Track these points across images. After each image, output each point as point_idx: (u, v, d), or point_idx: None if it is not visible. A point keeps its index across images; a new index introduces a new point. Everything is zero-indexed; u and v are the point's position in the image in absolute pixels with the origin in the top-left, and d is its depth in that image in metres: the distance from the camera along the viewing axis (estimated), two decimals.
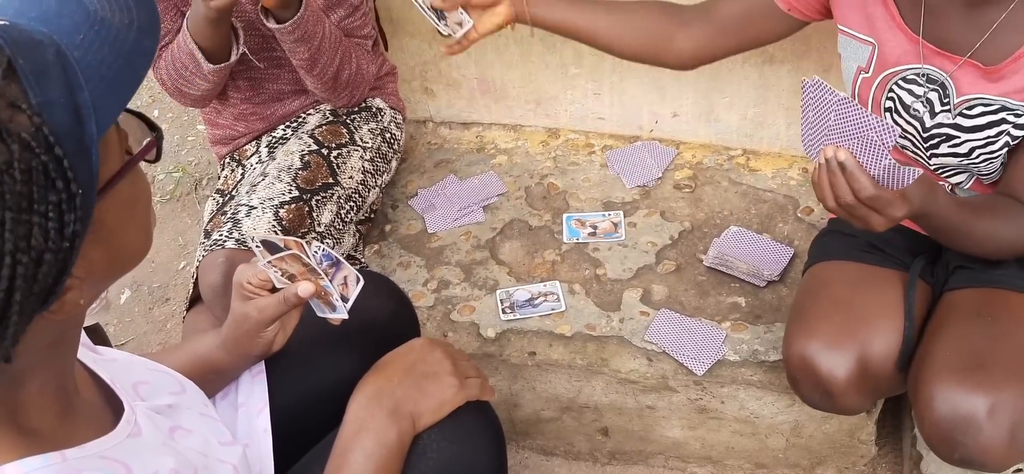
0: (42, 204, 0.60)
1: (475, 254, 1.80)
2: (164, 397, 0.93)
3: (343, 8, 1.68)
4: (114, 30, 0.64)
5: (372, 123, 1.82)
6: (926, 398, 1.16)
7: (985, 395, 1.11)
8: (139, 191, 0.74)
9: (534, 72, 2.03)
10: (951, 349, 1.19)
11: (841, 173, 1.06)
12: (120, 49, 0.64)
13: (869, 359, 1.25)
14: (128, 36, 0.65)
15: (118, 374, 0.88)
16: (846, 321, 1.28)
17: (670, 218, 1.82)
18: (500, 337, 1.64)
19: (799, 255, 1.69)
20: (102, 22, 0.64)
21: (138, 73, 0.66)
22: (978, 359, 1.15)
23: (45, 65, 0.60)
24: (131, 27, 0.66)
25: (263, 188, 1.58)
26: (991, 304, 1.24)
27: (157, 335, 2.14)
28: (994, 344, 1.18)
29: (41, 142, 0.59)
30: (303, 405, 1.18)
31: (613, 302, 1.66)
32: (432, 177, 2.02)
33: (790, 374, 1.33)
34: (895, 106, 1.26)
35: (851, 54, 1.29)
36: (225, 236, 1.49)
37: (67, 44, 0.62)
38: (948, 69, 1.19)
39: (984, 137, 1.20)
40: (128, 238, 0.73)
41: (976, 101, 1.19)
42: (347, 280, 1.09)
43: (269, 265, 1.06)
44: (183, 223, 2.41)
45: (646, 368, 1.57)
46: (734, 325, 1.59)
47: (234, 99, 1.77)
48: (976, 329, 1.21)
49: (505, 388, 1.68)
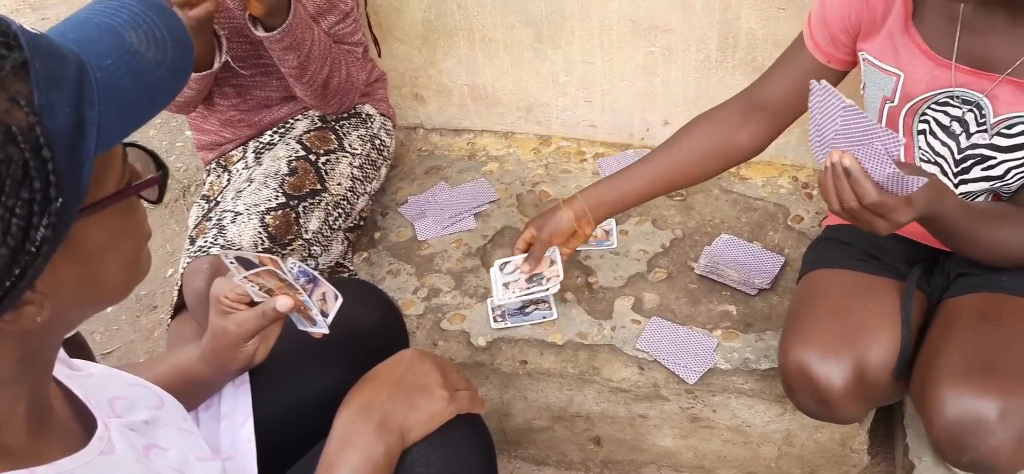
0: (11, 198, 0.59)
1: (466, 262, 1.79)
2: (141, 413, 0.91)
3: (334, 14, 1.67)
4: (144, 64, 0.67)
5: (362, 129, 1.81)
6: (936, 401, 1.15)
7: (996, 398, 1.11)
8: (132, 226, 0.74)
9: (525, 79, 2.02)
10: (960, 353, 1.18)
11: (846, 178, 1.06)
12: (143, 81, 0.67)
13: (866, 368, 1.24)
14: (156, 72, 0.68)
15: (94, 390, 0.86)
16: (843, 329, 1.27)
17: (662, 226, 1.81)
18: (491, 346, 1.62)
19: (790, 263, 1.68)
20: (134, 54, 0.67)
21: (155, 106, 0.69)
22: (988, 362, 1.15)
23: (61, 75, 0.62)
24: (161, 64, 0.69)
25: (249, 194, 1.57)
26: (997, 309, 1.23)
27: (144, 344, 2.11)
28: (1003, 348, 1.17)
29: (29, 139, 0.60)
30: (288, 416, 1.16)
31: (605, 310, 1.65)
32: (423, 184, 2.00)
33: (786, 382, 1.32)
34: (929, 128, 1.25)
35: (875, 83, 1.28)
36: (210, 242, 1.47)
37: (93, 64, 0.65)
38: (984, 88, 1.17)
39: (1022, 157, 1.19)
40: (108, 269, 0.71)
41: (1016, 119, 1.17)
42: (326, 296, 1.07)
43: (245, 281, 1.05)
44: (170, 230, 2.38)
45: (638, 377, 1.56)
46: (725, 333, 1.58)
47: (221, 105, 1.75)
48: (984, 333, 1.20)
49: (496, 397, 1.67)
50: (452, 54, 2.04)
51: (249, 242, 1.47)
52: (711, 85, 1.87)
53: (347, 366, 1.18)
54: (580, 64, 1.95)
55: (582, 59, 1.95)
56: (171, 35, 0.70)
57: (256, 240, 1.48)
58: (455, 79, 2.08)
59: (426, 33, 2.02)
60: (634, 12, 1.83)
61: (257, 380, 1.15)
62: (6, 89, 0.59)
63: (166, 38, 0.70)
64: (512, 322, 1.63)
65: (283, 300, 1.04)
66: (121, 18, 0.68)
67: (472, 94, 2.09)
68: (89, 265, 0.69)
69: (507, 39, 1.96)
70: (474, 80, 2.07)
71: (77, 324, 0.77)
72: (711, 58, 1.84)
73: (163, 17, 0.71)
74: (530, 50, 1.96)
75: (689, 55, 1.85)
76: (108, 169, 0.68)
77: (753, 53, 1.80)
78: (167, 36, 0.70)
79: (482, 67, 2.03)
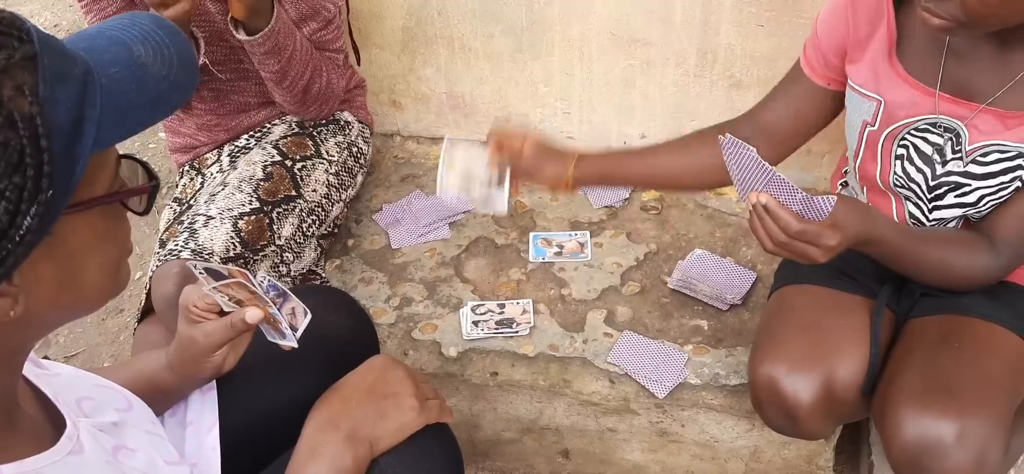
0: (2, 180, 0.61)
1: (440, 271, 1.78)
2: (109, 414, 0.90)
3: (316, 21, 1.65)
4: (149, 75, 0.71)
5: (339, 136, 1.80)
6: (895, 422, 1.16)
7: (953, 420, 1.12)
8: (116, 233, 0.75)
9: (504, 88, 2.02)
10: (919, 374, 1.19)
11: (767, 216, 1.09)
12: (146, 91, 0.71)
13: (834, 384, 1.25)
14: (160, 85, 0.72)
15: (62, 389, 0.86)
16: (812, 345, 1.28)
17: (636, 239, 1.81)
18: (462, 356, 1.61)
19: (761, 280, 1.69)
20: (140, 66, 0.70)
21: (155, 114, 0.72)
22: (946, 385, 1.16)
23: (67, 73, 0.65)
24: (165, 79, 0.72)
25: (223, 198, 1.55)
26: (957, 331, 1.24)
27: (110, 347, 2.08)
28: (962, 370, 1.18)
29: (29, 127, 0.62)
30: (256, 424, 1.15)
31: (577, 323, 1.65)
32: (398, 192, 1.99)
33: (755, 396, 1.32)
34: (907, 154, 1.26)
35: (856, 108, 1.29)
36: (181, 246, 1.46)
37: (99, 71, 0.68)
38: (964, 117, 1.19)
39: (997, 184, 1.20)
40: (87, 270, 0.72)
41: (992, 148, 1.18)
42: (295, 311, 1.06)
43: (215, 291, 1.04)
44: (140, 233, 2.35)
45: (608, 390, 1.56)
46: (696, 348, 1.58)
47: (197, 109, 1.73)
48: (943, 355, 1.21)
49: (466, 408, 1.66)
50: (431, 62, 2.03)
51: (221, 247, 1.45)
52: (689, 99, 1.88)
53: (316, 374, 1.17)
54: (559, 75, 1.96)
55: (561, 70, 1.95)
56: (179, 56, 0.73)
57: (228, 245, 1.47)
58: (434, 87, 2.07)
59: (406, 40, 2.01)
60: (614, 25, 1.83)
61: (224, 387, 1.14)
62: (13, 78, 0.62)
63: (173, 57, 0.73)
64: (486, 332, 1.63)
65: (253, 312, 1.03)
66: (132, 34, 0.72)
67: (450, 102, 2.09)
68: (69, 265, 0.70)
69: (487, 48, 1.96)
70: (453, 88, 2.06)
71: (50, 328, 0.77)
72: (690, 73, 1.85)
73: (173, 39, 0.74)
74: (510, 60, 1.96)
75: (668, 69, 1.86)
76: (101, 171, 0.70)
77: (731, 69, 1.81)
78: (175, 56, 0.73)
79: (461, 75, 2.03)
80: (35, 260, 0.65)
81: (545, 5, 1.84)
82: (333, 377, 1.14)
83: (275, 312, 1.04)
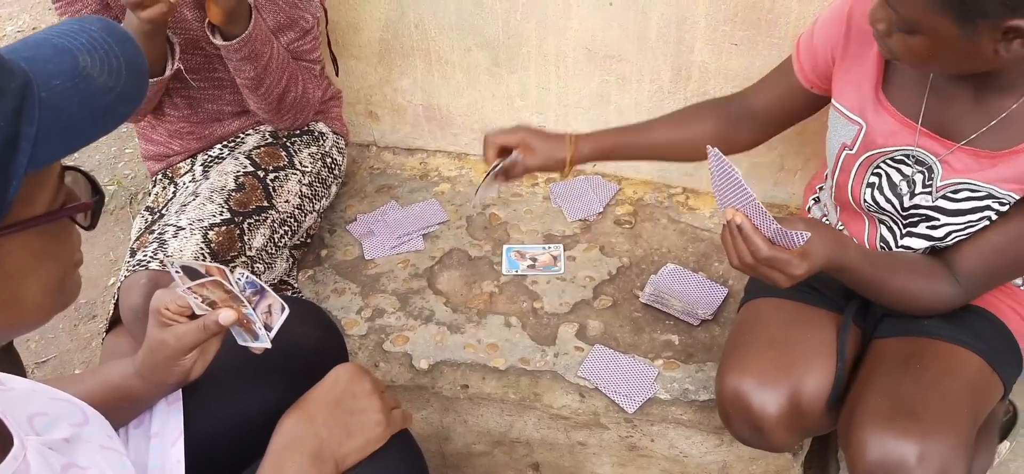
0: None
1: (412, 283, 1.78)
2: (62, 430, 0.89)
3: (294, 31, 1.65)
4: (93, 87, 0.67)
5: (313, 147, 1.80)
6: (858, 443, 1.18)
7: (915, 442, 1.14)
8: (59, 250, 0.72)
9: (480, 101, 2.03)
10: (882, 396, 1.21)
11: (739, 236, 1.11)
12: (91, 104, 0.67)
13: (801, 397, 1.26)
14: (104, 97, 0.68)
15: (13, 405, 0.84)
16: (780, 358, 1.29)
17: (609, 253, 1.82)
18: (433, 369, 1.61)
19: (733, 295, 1.70)
20: (85, 77, 0.67)
21: (99, 130, 0.69)
22: (908, 406, 1.18)
23: (3, 89, 0.62)
24: (111, 91, 0.69)
25: (193, 208, 1.54)
26: (920, 353, 1.26)
27: (81, 353, 2.07)
28: (924, 392, 1.20)
29: None
30: (222, 435, 1.14)
31: (549, 336, 1.66)
32: (373, 202, 1.99)
33: (722, 408, 1.33)
34: (879, 182, 1.28)
35: (837, 129, 1.31)
36: (149, 256, 1.45)
37: (40, 83, 0.65)
38: (939, 153, 1.21)
39: (965, 222, 1.21)
40: (27, 291, 0.69)
41: (962, 186, 1.20)
42: (272, 308, 1.05)
43: (189, 291, 1.03)
44: (115, 238, 2.34)
45: (578, 404, 1.56)
46: (667, 363, 1.59)
47: (171, 116, 1.73)
48: (907, 377, 1.23)
49: (436, 421, 1.66)
50: (408, 74, 2.04)
51: (190, 257, 1.45)
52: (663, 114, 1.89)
53: (284, 386, 1.17)
54: (535, 89, 1.96)
55: (538, 84, 1.96)
56: (127, 63, 0.70)
57: (198, 255, 1.46)
58: (410, 98, 2.08)
59: (383, 52, 2.01)
60: (590, 41, 1.84)
61: (190, 397, 1.13)
62: None
63: (121, 66, 0.70)
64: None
65: (226, 313, 1.02)
66: (78, 41, 0.69)
67: (426, 114, 2.09)
68: (7, 285, 0.68)
69: (463, 61, 1.97)
70: (429, 100, 2.07)
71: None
72: (664, 89, 1.86)
73: (122, 45, 0.71)
74: (486, 73, 1.97)
75: (643, 85, 1.88)
76: (40, 189, 0.67)
77: (705, 86, 1.82)
78: (123, 64, 0.70)
79: (438, 88, 2.03)
80: None
81: (522, 20, 1.85)
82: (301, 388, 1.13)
83: (249, 312, 1.03)
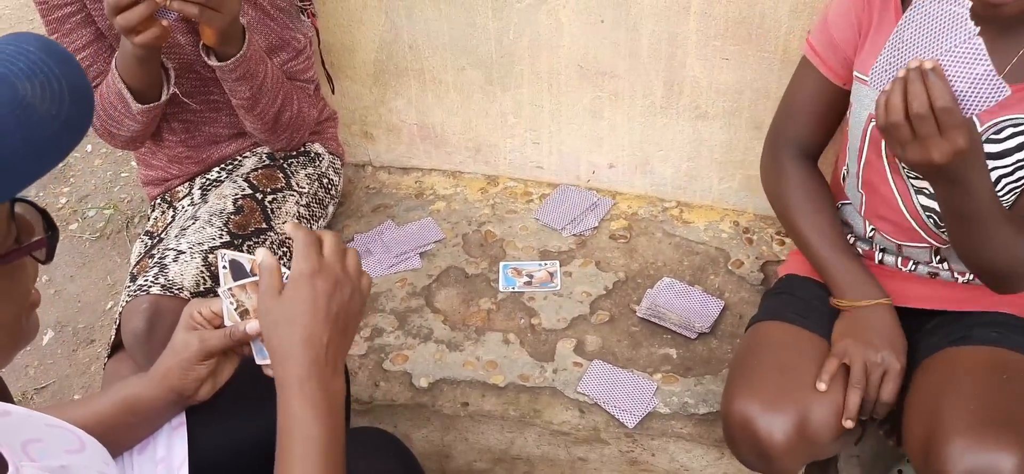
0: None
1: (410, 301, 1.79)
2: (58, 457, 0.88)
3: (287, 51, 1.67)
4: (35, 117, 0.62)
5: (310, 168, 1.81)
6: (951, 454, 1.12)
7: (1013, 452, 1.09)
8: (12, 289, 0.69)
9: (474, 119, 2.04)
10: (971, 404, 1.16)
11: (922, 81, 1.04)
12: (32, 137, 0.62)
13: (808, 423, 1.24)
14: (49, 127, 0.63)
15: (8, 431, 0.84)
16: (788, 383, 1.27)
17: (605, 268, 1.84)
18: (433, 387, 1.62)
19: (729, 308, 1.72)
20: (25, 108, 0.62)
21: (44, 164, 0.63)
22: (1002, 415, 1.14)
23: None
24: (55, 119, 0.63)
25: (193, 232, 1.55)
26: (1002, 363, 1.22)
27: (80, 378, 2.07)
28: (1015, 402, 1.16)
29: None
30: (225, 463, 1.15)
31: (547, 352, 1.67)
32: (369, 222, 2.00)
33: (728, 434, 1.31)
34: None
35: (863, 101, 1.29)
36: (151, 282, 1.46)
37: None
38: None
39: (1014, 162, 1.18)
40: None
41: (1005, 123, 1.17)
42: None
43: (228, 293, 1.05)
44: (112, 262, 2.34)
45: (578, 420, 1.57)
46: (665, 377, 1.60)
47: (169, 141, 1.74)
48: (993, 386, 1.19)
49: (437, 439, 1.67)
50: (402, 94, 2.05)
51: (191, 282, 1.45)
52: (656, 130, 1.91)
53: None
54: (529, 106, 1.98)
55: (531, 102, 1.98)
56: (69, 87, 0.65)
57: (198, 279, 1.47)
58: (405, 118, 2.09)
59: (377, 73, 2.03)
60: (582, 58, 1.86)
61: (195, 422, 1.14)
62: None
63: (63, 90, 0.64)
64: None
65: (252, 324, 1.03)
66: (17, 66, 0.63)
67: (421, 133, 2.11)
68: None
69: (457, 80, 1.99)
70: (424, 119, 2.08)
71: None
72: (656, 104, 1.88)
73: (62, 66, 0.66)
74: (480, 92, 1.99)
75: (635, 100, 1.90)
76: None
77: (697, 100, 1.84)
78: (65, 88, 0.65)
79: (432, 107, 2.05)
80: None
81: (514, 39, 1.87)
82: None
83: None
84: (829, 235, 1.39)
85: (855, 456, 1.64)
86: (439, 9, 1.88)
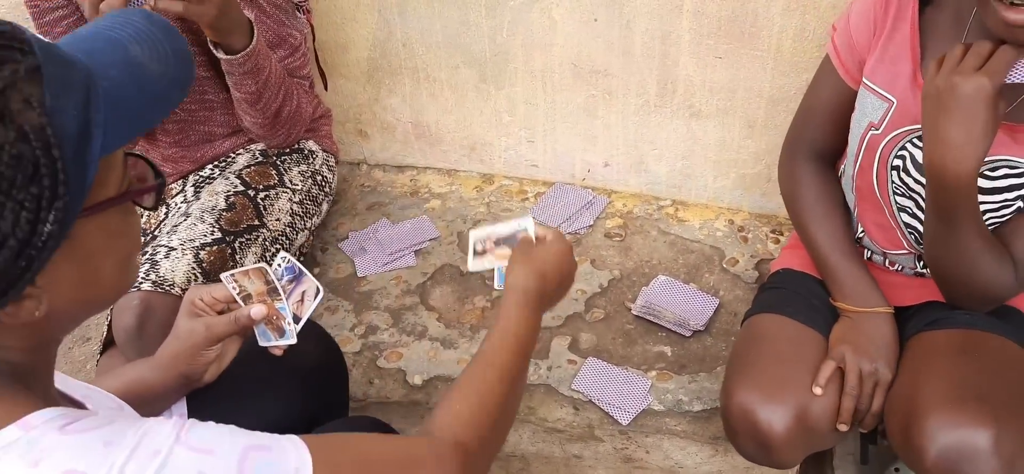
0: (21, 192, 0.64)
1: (405, 299, 1.79)
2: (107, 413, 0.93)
3: (284, 48, 1.67)
4: (148, 75, 0.73)
5: (303, 165, 1.81)
6: (924, 432, 1.14)
7: (988, 427, 1.10)
8: (129, 229, 0.78)
9: (469, 118, 2.04)
10: (946, 383, 1.17)
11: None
12: (147, 90, 0.73)
13: (808, 414, 1.25)
14: (159, 83, 0.74)
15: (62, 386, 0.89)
16: (787, 376, 1.28)
17: (600, 266, 1.84)
18: (427, 384, 1.62)
19: (724, 305, 1.71)
20: (139, 66, 0.73)
21: (157, 114, 0.75)
22: (977, 392, 1.15)
23: (70, 81, 0.68)
24: (164, 77, 0.74)
25: (184, 229, 1.55)
26: (975, 345, 1.24)
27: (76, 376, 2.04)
28: (988, 379, 1.17)
29: (40, 138, 0.64)
30: None
31: (542, 350, 1.66)
32: (364, 220, 2.00)
33: (729, 425, 1.31)
34: (904, 164, 1.26)
35: (866, 108, 1.29)
36: (142, 278, 1.45)
37: (99, 74, 0.70)
38: None
39: (1002, 200, 1.19)
40: (104, 269, 0.75)
41: (1001, 163, 1.18)
42: (305, 295, 1.13)
43: (231, 278, 1.10)
44: None
45: (573, 417, 1.57)
46: (660, 374, 1.60)
47: (162, 141, 1.73)
48: (965, 365, 1.20)
49: None
50: (396, 92, 2.05)
51: (182, 278, 1.45)
52: (650, 128, 1.91)
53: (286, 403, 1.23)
54: (523, 105, 1.98)
55: (525, 100, 1.98)
56: (173, 50, 0.76)
57: (190, 276, 1.46)
58: (399, 116, 2.09)
59: (371, 71, 2.03)
60: (577, 56, 1.86)
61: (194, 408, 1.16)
62: (20, 91, 0.64)
63: (169, 53, 0.75)
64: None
65: (257, 308, 1.11)
66: (126, 33, 0.74)
67: (416, 131, 2.11)
68: (87, 263, 0.73)
69: (451, 79, 1.99)
70: (418, 118, 2.08)
71: (74, 322, 0.80)
72: (650, 102, 1.88)
73: (166, 34, 0.76)
74: (474, 90, 1.99)
75: (629, 99, 1.90)
76: (110, 173, 0.73)
77: (691, 99, 1.84)
78: (169, 51, 0.75)
79: (426, 105, 2.05)
80: (55, 262, 0.68)
81: (508, 37, 1.87)
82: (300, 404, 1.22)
83: (283, 306, 1.11)
84: (839, 239, 1.39)
85: (851, 454, 1.64)
86: (432, 7, 1.88)
